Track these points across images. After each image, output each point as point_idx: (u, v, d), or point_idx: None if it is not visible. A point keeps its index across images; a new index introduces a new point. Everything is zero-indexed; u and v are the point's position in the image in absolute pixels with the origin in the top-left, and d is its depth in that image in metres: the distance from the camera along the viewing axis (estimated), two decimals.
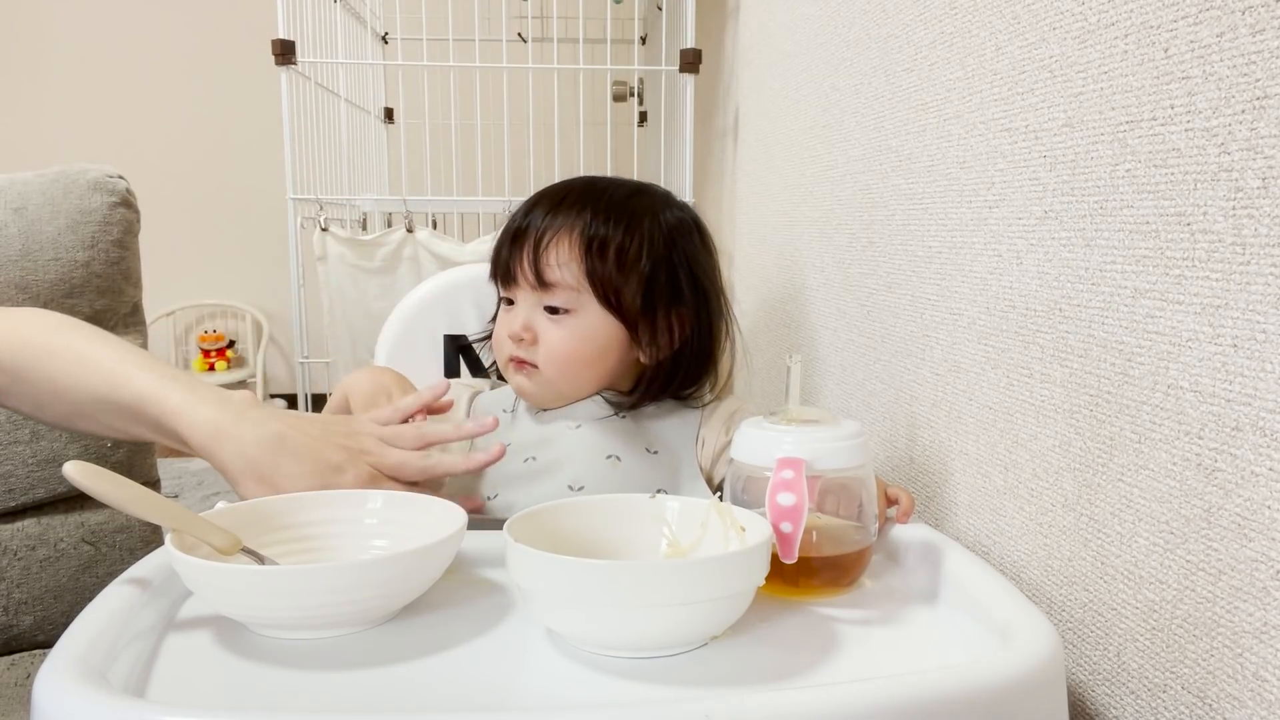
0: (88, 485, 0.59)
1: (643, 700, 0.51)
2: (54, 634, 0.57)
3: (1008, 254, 0.72)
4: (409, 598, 0.61)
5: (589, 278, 0.78)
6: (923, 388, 0.87)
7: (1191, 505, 0.53)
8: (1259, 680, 0.49)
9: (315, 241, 1.80)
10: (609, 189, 0.82)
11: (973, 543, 0.78)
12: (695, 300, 0.82)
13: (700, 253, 0.84)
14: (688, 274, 0.82)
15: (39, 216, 0.97)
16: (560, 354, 0.79)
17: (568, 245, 0.78)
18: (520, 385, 0.82)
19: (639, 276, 0.79)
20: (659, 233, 0.80)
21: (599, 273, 0.78)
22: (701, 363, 0.84)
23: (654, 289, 0.79)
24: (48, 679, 0.47)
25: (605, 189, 0.82)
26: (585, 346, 0.79)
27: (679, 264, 0.81)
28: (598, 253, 0.77)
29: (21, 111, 3.69)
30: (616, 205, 0.80)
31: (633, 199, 0.81)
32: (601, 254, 0.78)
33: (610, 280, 0.78)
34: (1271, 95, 0.47)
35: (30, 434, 0.93)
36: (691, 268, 0.82)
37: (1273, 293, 0.47)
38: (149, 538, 0.99)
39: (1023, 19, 0.69)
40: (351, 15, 2.22)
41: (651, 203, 0.82)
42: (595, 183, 0.83)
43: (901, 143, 0.91)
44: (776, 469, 0.62)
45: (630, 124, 2.46)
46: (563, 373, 0.80)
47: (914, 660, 0.57)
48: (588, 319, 0.79)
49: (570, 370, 0.80)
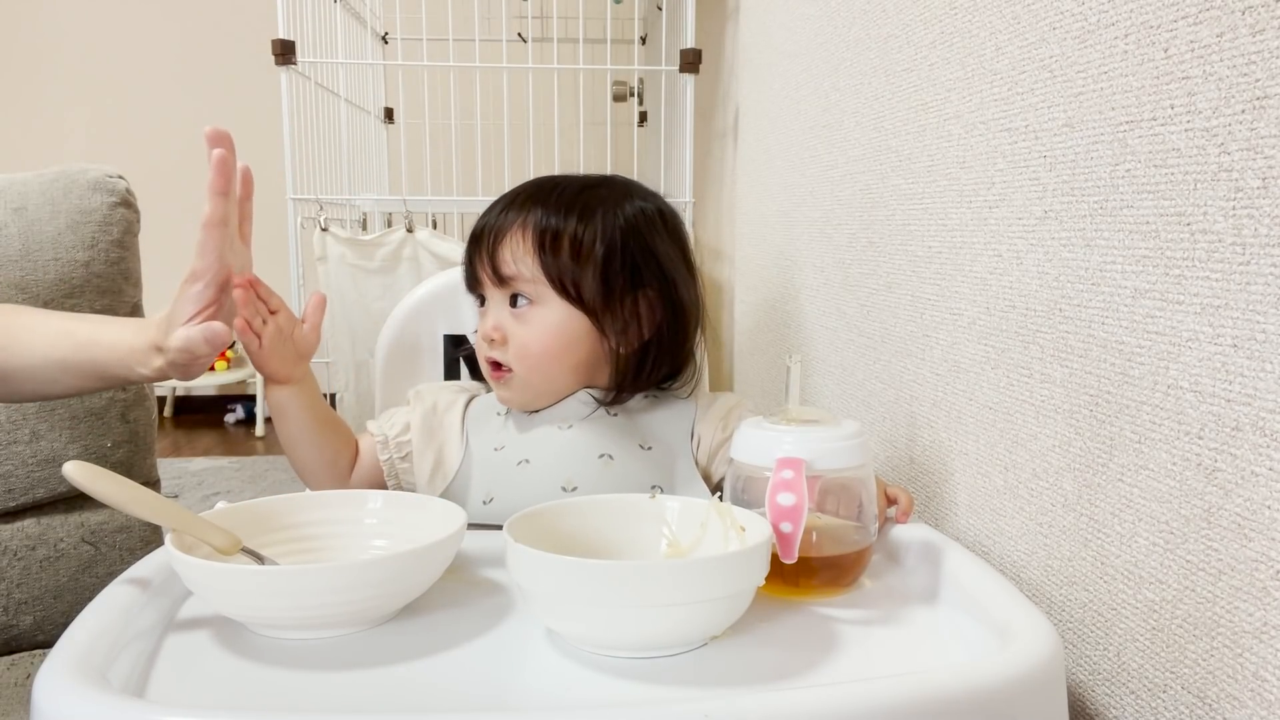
0: (88, 485, 0.59)
1: (643, 700, 0.51)
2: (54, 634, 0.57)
3: (1008, 254, 0.72)
4: (409, 598, 0.61)
5: (544, 271, 0.79)
6: (923, 388, 0.87)
7: (1191, 505, 0.53)
8: (1259, 680, 0.49)
9: (315, 241, 1.79)
10: (563, 184, 0.83)
11: (973, 543, 0.78)
12: (662, 287, 0.82)
13: (662, 240, 0.83)
14: (649, 261, 0.81)
15: (39, 216, 0.97)
16: (530, 350, 0.80)
17: (521, 239, 0.79)
18: (500, 395, 0.83)
19: (595, 265, 0.79)
20: (614, 220, 0.81)
21: (553, 264, 0.79)
22: (676, 350, 0.84)
23: (610, 277, 0.80)
24: (48, 679, 0.47)
25: (559, 184, 0.83)
26: (552, 340, 0.80)
27: (637, 251, 0.81)
28: (551, 244, 0.79)
29: (21, 111, 3.69)
30: (568, 198, 0.81)
31: (586, 192, 0.82)
32: (555, 245, 0.79)
33: (566, 270, 0.79)
34: (1271, 95, 0.47)
35: (30, 434, 0.93)
36: (656, 255, 0.82)
37: (1273, 293, 0.47)
38: (149, 538, 0.99)
39: (1023, 19, 0.69)
40: (351, 15, 2.22)
41: (609, 193, 0.83)
42: (551, 179, 0.84)
43: (901, 143, 0.91)
44: (776, 469, 0.62)
45: (630, 124, 2.46)
46: (535, 370, 0.81)
47: (914, 660, 0.57)
48: (551, 312, 0.80)
49: (542, 366, 0.80)
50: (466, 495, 0.80)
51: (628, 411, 0.83)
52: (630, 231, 0.81)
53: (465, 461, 0.82)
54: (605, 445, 0.81)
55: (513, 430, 0.83)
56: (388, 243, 1.82)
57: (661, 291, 0.82)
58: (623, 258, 0.80)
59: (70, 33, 3.68)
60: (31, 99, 3.69)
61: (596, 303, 0.79)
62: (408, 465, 0.84)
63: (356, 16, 2.25)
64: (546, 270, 0.78)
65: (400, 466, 0.84)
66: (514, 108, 1.94)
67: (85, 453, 0.95)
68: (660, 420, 0.84)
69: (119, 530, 0.97)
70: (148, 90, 3.70)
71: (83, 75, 3.69)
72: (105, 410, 0.96)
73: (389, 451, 0.84)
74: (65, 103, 3.69)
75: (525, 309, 0.80)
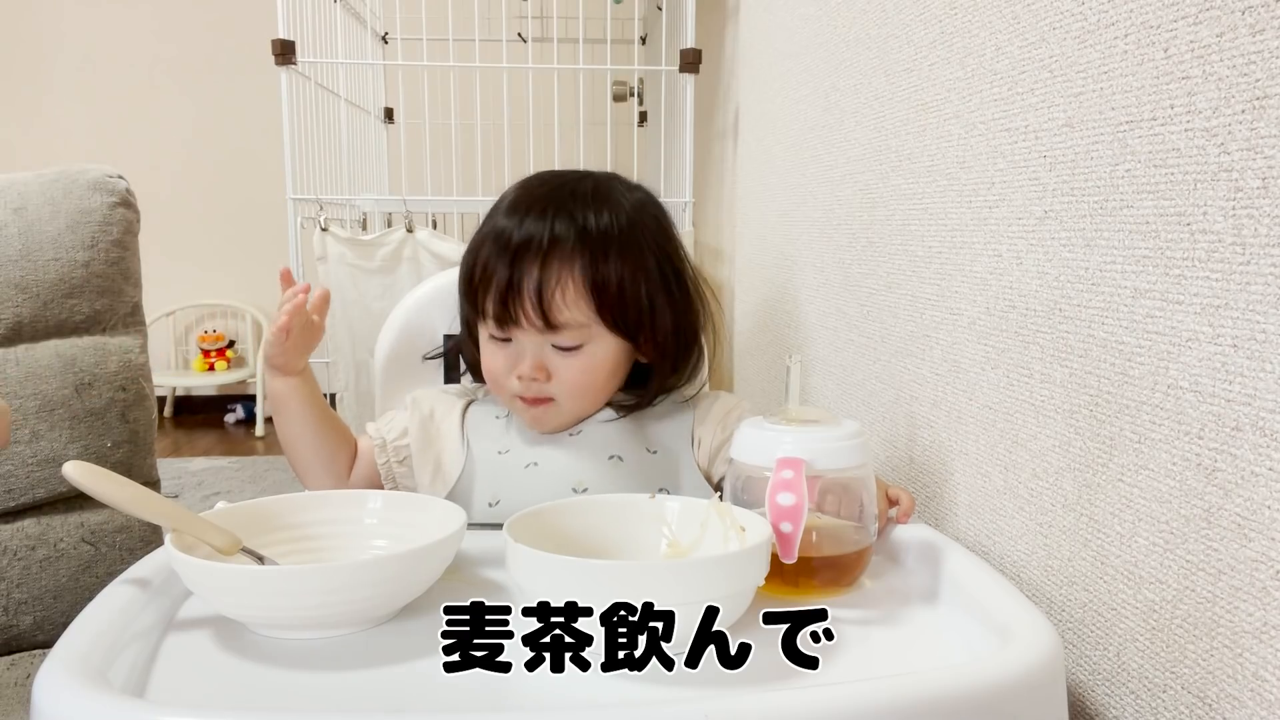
0: (88, 485, 0.59)
1: (643, 700, 0.51)
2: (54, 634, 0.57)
3: (1008, 254, 0.72)
4: (409, 598, 0.61)
5: (599, 313, 0.77)
6: (922, 387, 0.87)
7: (1191, 505, 0.53)
8: (1259, 680, 0.49)
9: (315, 241, 1.79)
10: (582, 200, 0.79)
11: (973, 543, 0.78)
12: (679, 287, 0.83)
13: (673, 244, 0.84)
14: (672, 271, 0.82)
15: (39, 216, 0.97)
16: (579, 385, 0.80)
17: (573, 288, 0.77)
18: (536, 419, 0.82)
19: (641, 296, 0.79)
20: (649, 246, 0.80)
21: (609, 307, 0.77)
22: (688, 346, 0.84)
23: (654, 301, 0.80)
24: (48, 679, 0.47)
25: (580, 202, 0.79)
26: (601, 372, 0.80)
27: (665, 267, 0.81)
28: (604, 289, 0.77)
29: (21, 112, 3.69)
30: (604, 232, 0.78)
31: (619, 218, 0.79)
32: (607, 290, 0.77)
33: (618, 310, 0.78)
34: (1271, 95, 0.47)
35: (30, 434, 0.93)
36: (674, 265, 0.82)
37: (1273, 293, 0.47)
38: (149, 538, 0.99)
39: (1023, 19, 0.69)
40: (351, 15, 2.22)
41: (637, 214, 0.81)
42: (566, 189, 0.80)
43: (901, 143, 0.91)
44: (776, 469, 0.62)
45: (630, 124, 2.46)
46: (582, 400, 0.81)
47: (914, 660, 0.57)
48: (601, 347, 0.79)
49: (589, 396, 0.81)
50: (470, 498, 0.80)
51: (635, 415, 0.84)
52: (660, 252, 0.81)
53: (467, 465, 0.82)
54: (615, 446, 0.81)
55: (516, 434, 0.83)
56: (388, 243, 1.82)
57: (674, 293, 0.82)
58: (660, 278, 0.80)
59: (71, 33, 3.68)
60: (31, 99, 3.68)
61: (643, 328, 0.80)
62: (405, 470, 0.84)
63: (356, 16, 2.25)
64: (601, 313, 0.77)
65: (398, 470, 0.84)
66: (514, 108, 1.94)
67: (85, 453, 0.95)
68: (662, 425, 0.84)
69: (119, 530, 0.97)
70: (148, 90, 3.70)
71: (83, 75, 3.68)
72: (105, 410, 0.96)
73: (386, 455, 0.84)
74: (65, 103, 3.69)
75: (573, 346, 0.78)
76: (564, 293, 0.76)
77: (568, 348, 0.78)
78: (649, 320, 0.80)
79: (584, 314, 0.77)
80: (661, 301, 0.80)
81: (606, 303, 0.77)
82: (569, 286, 0.76)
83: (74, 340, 0.97)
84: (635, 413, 0.83)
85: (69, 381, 0.95)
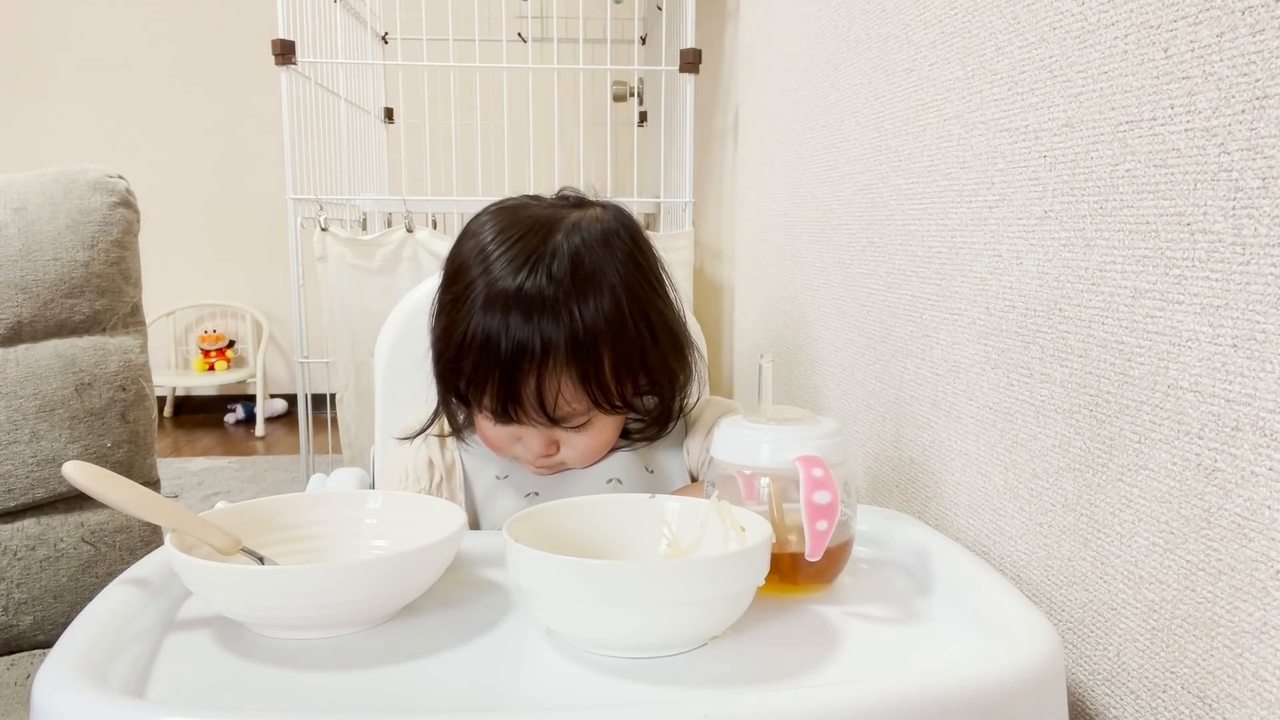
0: (88, 485, 0.59)
1: (643, 700, 0.51)
2: (54, 634, 0.57)
3: (1008, 254, 0.72)
4: (409, 598, 0.61)
5: (598, 406, 0.77)
6: (922, 387, 0.87)
7: (1191, 505, 0.53)
8: (1259, 680, 0.49)
9: (315, 241, 1.79)
10: (575, 307, 0.74)
11: (973, 543, 0.78)
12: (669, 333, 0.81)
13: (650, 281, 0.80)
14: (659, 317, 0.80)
15: (39, 216, 0.97)
16: (590, 450, 0.81)
17: (570, 390, 0.76)
18: (544, 475, 0.84)
19: (638, 376, 0.79)
20: (637, 316, 0.77)
21: (608, 400, 0.77)
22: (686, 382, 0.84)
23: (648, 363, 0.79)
24: (47, 679, 0.47)
25: (571, 312, 0.74)
26: (609, 435, 0.82)
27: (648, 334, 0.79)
28: (603, 389, 0.77)
29: (22, 112, 3.69)
30: (592, 328, 0.75)
31: (602, 301, 0.75)
32: (605, 389, 0.77)
33: (620, 397, 0.78)
34: (1271, 95, 0.47)
35: (30, 434, 0.93)
36: (659, 308, 0.80)
37: (1273, 293, 0.47)
38: (149, 538, 0.99)
39: (1023, 19, 0.69)
40: (351, 15, 2.22)
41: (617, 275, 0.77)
42: (556, 303, 0.74)
43: (901, 143, 0.91)
44: (804, 468, 0.62)
45: (630, 124, 2.46)
46: (593, 459, 0.83)
47: (914, 660, 0.57)
48: (606, 421, 0.80)
49: (600, 455, 0.83)
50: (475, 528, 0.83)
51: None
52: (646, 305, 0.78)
53: (468, 503, 0.84)
54: (614, 470, 0.84)
55: (517, 466, 0.84)
56: (387, 243, 1.82)
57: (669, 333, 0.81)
58: (651, 336, 0.78)
59: (71, 32, 3.68)
60: (31, 99, 3.69)
61: (641, 395, 0.81)
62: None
63: (356, 16, 2.25)
64: (597, 405, 0.77)
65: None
66: (514, 108, 1.94)
67: (85, 453, 0.95)
68: (660, 445, 0.86)
69: (119, 530, 0.97)
70: (148, 90, 3.70)
71: (83, 75, 3.69)
72: (105, 410, 0.96)
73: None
74: (65, 103, 3.69)
75: (579, 425, 0.79)
76: (563, 395, 0.76)
77: (574, 427, 0.79)
78: (648, 388, 0.81)
79: (585, 405, 0.77)
80: (655, 359, 0.79)
81: (607, 398, 0.77)
82: (567, 389, 0.75)
83: (74, 340, 0.97)
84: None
85: (69, 381, 0.95)
